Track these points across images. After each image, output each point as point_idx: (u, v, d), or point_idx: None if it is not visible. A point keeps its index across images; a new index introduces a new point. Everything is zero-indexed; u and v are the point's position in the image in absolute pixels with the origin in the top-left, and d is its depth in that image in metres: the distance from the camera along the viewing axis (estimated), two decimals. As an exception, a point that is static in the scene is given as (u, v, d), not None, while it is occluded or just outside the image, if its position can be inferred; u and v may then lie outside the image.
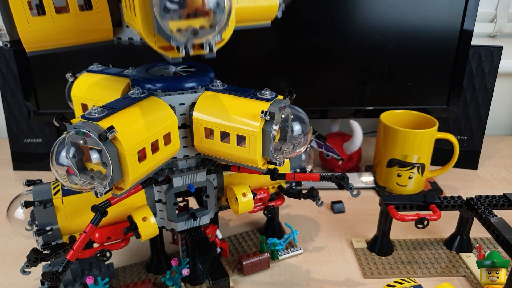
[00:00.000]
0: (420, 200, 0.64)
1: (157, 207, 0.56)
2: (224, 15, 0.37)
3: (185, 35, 0.36)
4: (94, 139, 0.39)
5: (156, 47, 0.39)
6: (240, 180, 0.59)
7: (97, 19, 0.43)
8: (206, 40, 0.37)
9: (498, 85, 1.00)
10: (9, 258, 0.67)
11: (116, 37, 0.47)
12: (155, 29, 0.38)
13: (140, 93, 0.49)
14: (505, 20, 1.08)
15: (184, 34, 0.36)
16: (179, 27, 0.36)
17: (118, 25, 0.46)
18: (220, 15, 0.37)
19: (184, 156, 0.53)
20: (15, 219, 0.55)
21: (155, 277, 0.62)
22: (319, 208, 0.80)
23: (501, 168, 0.96)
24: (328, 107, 0.90)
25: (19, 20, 0.39)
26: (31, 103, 0.88)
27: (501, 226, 0.56)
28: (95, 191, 0.41)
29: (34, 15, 0.40)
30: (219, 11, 0.36)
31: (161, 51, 0.40)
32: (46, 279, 0.45)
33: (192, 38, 0.37)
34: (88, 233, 0.47)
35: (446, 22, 0.82)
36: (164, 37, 0.37)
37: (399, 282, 0.50)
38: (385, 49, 0.84)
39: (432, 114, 0.85)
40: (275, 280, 0.62)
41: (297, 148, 0.50)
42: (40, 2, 0.40)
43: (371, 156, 0.98)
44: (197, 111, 0.50)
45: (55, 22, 0.41)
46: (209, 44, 0.38)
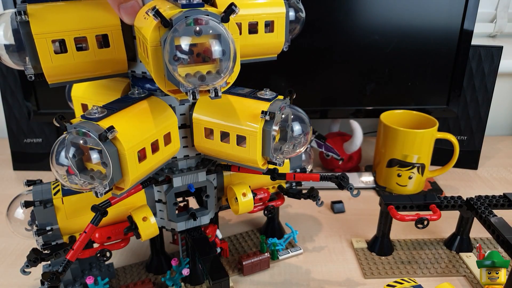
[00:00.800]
0: (420, 200, 0.64)
1: (157, 207, 0.56)
2: (230, 62, 0.39)
3: (192, 81, 0.39)
4: (94, 139, 0.39)
5: (166, 91, 0.42)
6: (240, 180, 0.59)
7: (114, 55, 0.46)
8: (213, 87, 0.40)
9: (498, 85, 1.00)
10: (9, 258, 0.67)
11: (131, 70, 0.50)
12: (165, 74, 0.40)
13: (140, 93, 0.49)
14: (505, 20, 1.08)
15: (191, 81, 0.39)
16: (187, 72, 0.38)
17: (132, 59, 0.49)
18: (226, 63, 0.39)
19: (184, 156, 0.53)
20: (15, 219, 0.55)
21: (155, 277, 0.62)
22: (319, 208, 0.80)
23: (501, 168, 0.96)
24: (328, 107, 0.90)
25: (43, 58, 0.42)
26: (31, 103, 0.88)
27: (501, 226, 0.56)
28: (95, 191, 0.41)
29: (57, 53, 0.43)
30: (225, 58, 0.39)
31: (171, 94, 0.42)
32: (46, 279, 0.45)
33: (199, 84, 0.39)
34: (88, 233, 0.47)
35: (446, 22, 0.82)
36: (173, 83, 0.40)
37: (399, 282, 0.50)
38: (385, 49, 0.84)
39: (432, 114, 0.85)
40: (275, 280, 0.62)
41: (297, 148, 0.50)
42: (63, 41, 0.43)
43: (371, 156, 0.98)
44: (197, 111, 0.50)
45: (75, 59, 0.44)
46: (215, 90, 0.40)
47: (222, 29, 0.38)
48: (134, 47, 0.48)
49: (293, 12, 0.56)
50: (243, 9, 0.50)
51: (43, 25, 0.42)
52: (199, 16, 0.38)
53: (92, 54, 0.45)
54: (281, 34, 0.53)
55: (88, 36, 0.44)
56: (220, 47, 0.38)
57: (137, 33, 0.44)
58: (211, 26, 0.38)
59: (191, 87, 0.39)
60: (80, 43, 0.45)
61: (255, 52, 0.53)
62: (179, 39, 0.37)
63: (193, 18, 0.37)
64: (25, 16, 0.41)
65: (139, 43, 0.44)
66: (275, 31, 0.52)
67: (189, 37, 0.37)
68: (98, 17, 0.44)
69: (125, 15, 0.43)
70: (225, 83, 0.41)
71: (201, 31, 0.37)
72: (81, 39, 0.44)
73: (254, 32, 0.51)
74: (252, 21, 0.50)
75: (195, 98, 0.39)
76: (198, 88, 0.39)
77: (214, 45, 0.38)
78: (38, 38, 0.42)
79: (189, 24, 0.37)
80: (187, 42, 0.37)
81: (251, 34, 0.51)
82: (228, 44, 0.39)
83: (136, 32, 0.44)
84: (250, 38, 0.51)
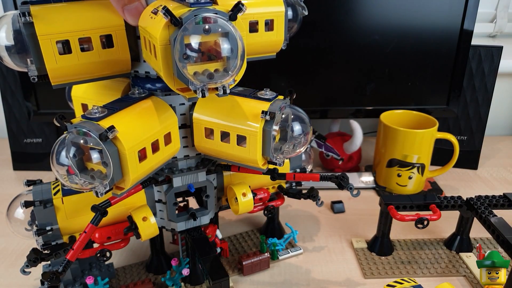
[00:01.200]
0: (420, 200, 0.64)
1: (157, 207, 0.56)
2: (237, 60, 0.40)
3: (201, 79, 0.39)
4: (94, 138, 0.39)
5: (175, 89, 0.42)
6: (240, 180, 0.59)
7: (118, 56, 0.46)
8: (221, 84, 0.40)
9: (498, 85, 1.00)
10: (9, 258, 0.67)
11: (134, 70, 0.50)
12: (174, 73, 0.40)
13: (140, 93, 0.49)
14: (505, 20, 1.08)
15: (200, 78, 0.39)
16: (196, 70, 0.39)
17: (136, 60, 0.49)
18: (234, 60, 0.40)
19: (184, 156, 0.53)
20: (15, 219, 0.55)
21: (155, 277, 0.62)
22: (319, 208, 0.80)
23: (501, 168, 0.96)
24: (328, 107, 0.90)
25: (48, 59, 0.42)
26: (31, 103, 0.88)
27: (501, 226, 0.56)
28: (96, 191, 0.41)
29: (61, 54, 0.43)
30: (233, 56, 0.39)
31: (180, 92, 0.42)
32: (46, 279, 0.45)
33: (208, 82, 0.39)
34: (88, 233, 0.47)
35: (446, 22, 0.82)
36: (183, 81, 0.40)
37: (399, 282, 0.50)
38: (385, 49, 0.84)
39: (432, 114, 0.85)
40: (275, 280, 0.62)
41: (297, 148, 0.50)
42: (67, 42, 0.43)
43: (371, 156, 0.98)
44: (197, 111, 0.50)
45: (80, 60, 0.44)
46: (223, 87, 0.41)
47: (230, 27, 0.39)
48: (137, 47, 0.48)
49: (291, 11, 0.56)
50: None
51: (48, 26, 0.42)
52: (208, 15, 0.38)
53: (96, 55, 0.45)
54: (280, 32, 0.53)
55: (92, 37, 0.44)
56: (228, 45, 0.39)
57: (142, 33, 0.44)
58: (220, 24, 0.38)
59: (200, 85, 0.39)
60: (84, 44, 0.45)
61: (255, 50, 0.53)
62: (188, 37, 0.37)
63: (202, 17, 0.38)
64: (29, 18, 0.41)
65: (145, 42, 0.44)
66: (275, 30, 0.53)
67: (198, 36, 0.38)
68: (102, 18, 0.44)
69: (129, 17, 0.43)
70: (233, 81, 0.42)
71: (210, 30, 0.38)
72: (85, 40, 0.44)
73: (255, 31, 0.51)
74: (252, 20, 0.50)
75: (204, 96, 0.40)
76: (207, 86, 0.40)
77: (222, 43, 0.39)
78: (43, 39, 0.42)
79: (198, 23, 0.38)
80: (196, 41, 0.38)
81: (252, 32, 0.51)
82: (236, 42, 0.39)
83: (141, 32, 0.44)
84: (250, 37, 0.51)
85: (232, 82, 0.41)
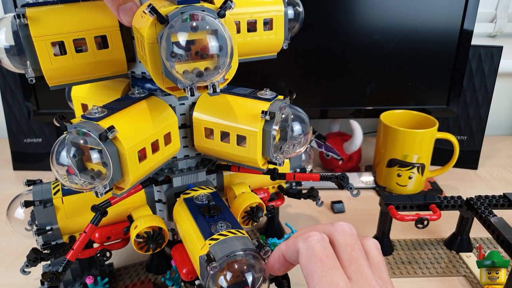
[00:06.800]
0: (420, 200, 0.64)
1: (157, 207, 0.56)
2: (227, 58, 0.39)
3: (190, 77, 0.39)
4: (94, 139, 0.39)
5: (164, 88, 0.42)
6: (240, 180, 0.59)
7: (113, 56, 0.46)
8: (211, 82, 0.40)
9: (498, 85, 1.00)
10: (9, 258, 0.67)
11: (130, 71, 0.50)
12: (162, 72, 0.40)
13: (140, 93, 0.49)
14: (505, 20, 1.08)
15: (189, 77, 0.39)
16: (185, 69, 0.38)
17: (132, 60, 0.49)
18: (223, 58, 0.39)
19: (184, 156, 0.53)
20: (15, 219, 0.55)
21: (155, 277, 0.62)
22: (319, 208, 0.80)
23: (501, 168, 0.96)
24: (328, 107, 0.90)
25: (43, 60, 0.43)
26: (31, 103, 0.88)
27: (501, 226, 0.56)
28: (95, 191, 0.41)
29: (57, 55, 0.43)
30: (222, 54, 0.39)
31: (169, 91, 0.42)
32: (46, 279, 0.45)
33: (197, 80, 0.39)
34: (88, 233, 0.47)
35: (446, 22, 0.82)
36: (171, 79, 0.40)
37: (195, 189, 0.52)
38: (385, 49, 0.84)
39: (432, 114, 0.85)
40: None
41: (297, 148, 0.50)
42: (62, 43, 0.43)
43: (371, 156, 0.98)
44: (197, 111, 0.50)
45: (75, 60, 0.44)
46: (213, 85, 0.40)
47: (219, 25, 0.38)
48: (133, 48, 0.48)
49: (292, 10, 0.56)
50: (241, 7, 0.50)
51: (42, 27, 0.42)
52: (195, 12, 0.38)
53: (91, 55, 0.45)
54: (280, 32, 0.53)
55: (87, 38, 0.44)
56: (217, 43, 0.38)
57: (135, 33, 0.44)
58: (207, 21, 0.38)
59: (188, 83, 0.39)
60: (79, 46, 0.45)
61: (255, 50, 0.53)
62: (175, 35, 0.37)
63: (189, 14, 0.37)
64: (24, 19, 0.41)
65: (138, 42, 0.44)
66: (274, 29, 0.52)
67: (185, 33, 0.37)
68: (96, 19, 0.45)
69: (124, 17, 0.43)
70: (223, 79, 0.41)
71: (197, 27, 0.37)
72: (80, 41, 0.44)
73: (253, 30, 0.51)
74: (250, 19, 0.50)
75: (193, 95, 0.39)
76: (196, 84, 0.39)
77: (211, 41, 0.38)
78: (38, 41, 0.42)
79: (185, 20, 0.37)
80: (183, 38, 0.37)
81: (250, 32, 0.51)
82: (225, 40, 0.39)
83: (134, 32, 0.44)
84: (249, 36, 0.51)
85: (222, 80, 0.41)
